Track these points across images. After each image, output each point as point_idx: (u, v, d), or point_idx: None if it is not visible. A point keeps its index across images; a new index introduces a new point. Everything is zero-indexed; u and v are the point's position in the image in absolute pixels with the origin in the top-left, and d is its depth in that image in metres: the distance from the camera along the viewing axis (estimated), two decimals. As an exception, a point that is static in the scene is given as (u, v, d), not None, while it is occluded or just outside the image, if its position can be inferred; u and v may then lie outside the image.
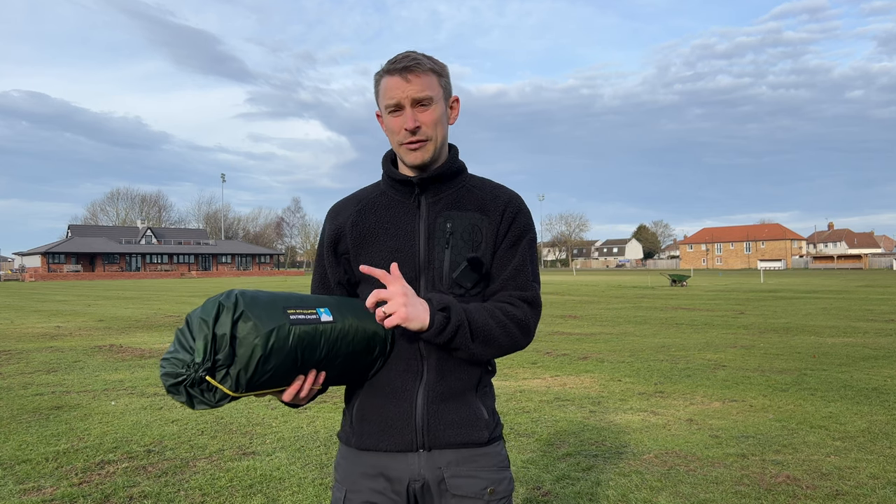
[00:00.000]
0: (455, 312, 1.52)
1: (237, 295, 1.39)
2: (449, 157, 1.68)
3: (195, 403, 1.38)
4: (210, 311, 1.37)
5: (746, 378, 7.72)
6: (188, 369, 1.34)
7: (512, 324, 1.60)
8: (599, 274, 77.76)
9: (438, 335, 1.50)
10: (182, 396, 1.37)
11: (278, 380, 1.42)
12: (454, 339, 1.52)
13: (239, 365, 1.35)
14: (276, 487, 4.18)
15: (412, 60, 1.57)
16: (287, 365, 1.41)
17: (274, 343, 1.37)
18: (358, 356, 1.54)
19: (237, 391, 1.37)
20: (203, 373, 1.34)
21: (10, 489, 4.18)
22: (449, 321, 1.51)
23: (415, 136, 1.58)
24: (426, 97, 1.57)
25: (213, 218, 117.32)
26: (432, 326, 1.49)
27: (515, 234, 1.66)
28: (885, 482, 4.14)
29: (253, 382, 1.37)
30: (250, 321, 1.36)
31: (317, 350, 1.45)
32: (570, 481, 4.23)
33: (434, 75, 1.60)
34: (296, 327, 1.41)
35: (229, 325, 1.35)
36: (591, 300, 23.96)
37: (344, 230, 1.69)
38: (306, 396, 1.50)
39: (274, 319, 1.39)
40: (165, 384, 1.37)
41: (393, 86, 1.57)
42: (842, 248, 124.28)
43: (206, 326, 1.35)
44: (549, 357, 9.64)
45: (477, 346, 1.56)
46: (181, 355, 1.36)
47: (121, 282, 61.51)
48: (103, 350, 11.04)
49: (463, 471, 1.60)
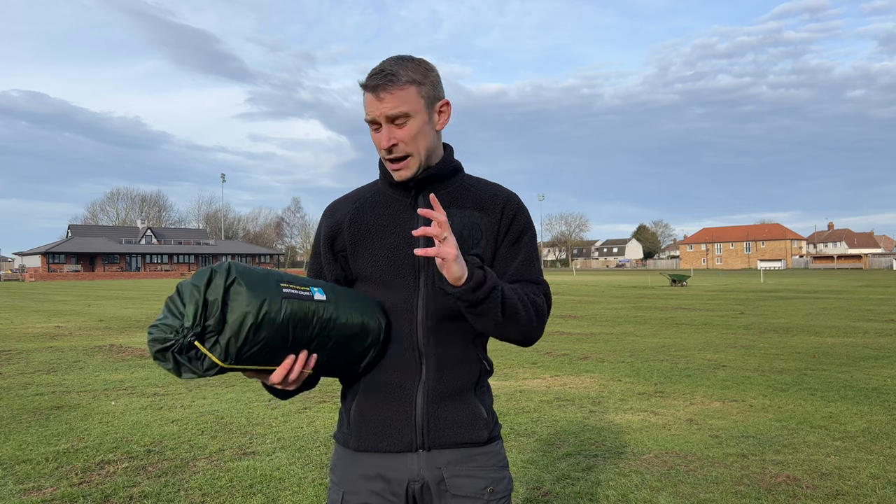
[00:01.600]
0: (491, 274, 1.48)
1: (230, 264, 1.37)
2: (444, 157, 1.65)
3: (182, 371, 1.34)
4: (202, 276, 1.34)
5: (746, 378, 7.72)
6: (176, 335, 1.31)
7: (533, 309, 1.58)
8: (599, 274, 77.75)
9: (474, 291, 1.43)
10: (169, 363, 1.33)
11: (268, 355, 1.39)
12: (486, 300, 1.46)
13: (229, 332, 1.32)
14: (276, 487, 4.18)
15: (384, 77, 1.52)
16: (278, 339, 1.38)
17: (266, 313, 1.34)
18: (350, 341, 1.51)
19: (226, 361, 1.33)
20: (192, 338, 1.30)
21: (10, 489, 4.18)
22: (486, 280, 1.45)
23: (392, 154, 1.56)
24: (401, 113, 1.53)
25: (213, 218, 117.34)
26: (471, 279, 1.43)
27: (516, 231, 1.65)
28: (885, 482, 4.14)
29: (242, 353, 1.34)
30: (243, 288, 1.34)
31: (309, 328, 1.42)
32: (570, 481, 4.23)
33: (412, 86, 1.54)
34: (288, 301, 1.39)
35: (221, 290, 1.32)
36: (591, 300, 23.96)
37: (341, 227, 1.68)
38: (296, 380, 1.46)
39: (267, 290, 1.36)
40: (152, 350, 1.33)
41: (368, 102, 1.55)
42: (842, 248, 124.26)
43: (196, 292, 1.32)
44: (549, 357, 9.64)
45: (503, 318, 1.50)
46: (170, 321, 1.33)
47: (121, 282, 61.51)
48: (103, 350, 11.04)
49: (462, 470, 1.59)
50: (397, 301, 1.60)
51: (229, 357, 1.33)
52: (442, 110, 1.63)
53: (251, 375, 1.44)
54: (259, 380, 1.49)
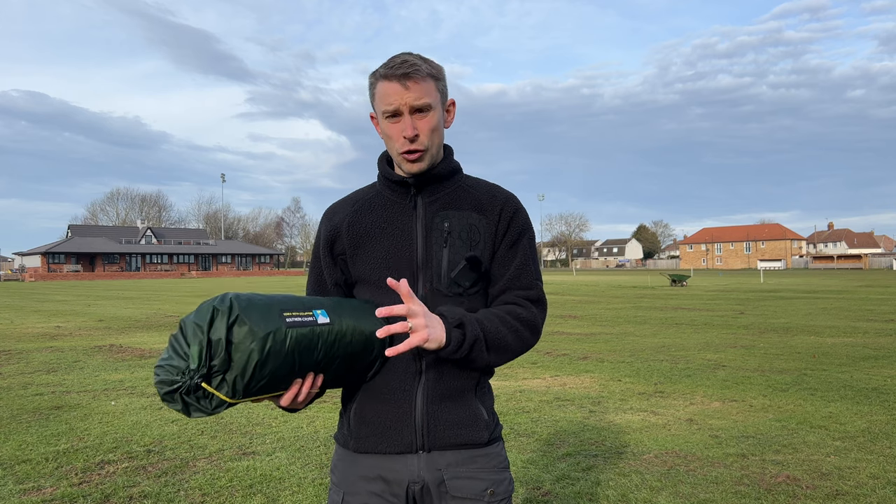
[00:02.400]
0: (470, 327, 1.50)
1: (232, 299, 1.36)
2: (444, 158, 1.66)
3: (191, 411, 1.34)
4: (204, 315, 1.34)
5: (746, 378, 7.72)
6: (183, 376, 1.31)
7: (522, 327, 1.60)
8: (599, 274, 77.74)
9: (456, 352, 1.49)
10: (178, 405, 1.34)
11: (275, 384, 1.40)
12: (471, 353, 1.51)
13: (235, 371, 1.32)
14: (276, 487, 4.18)
15: (411, 66, 1.53)
16: (284, 369, 1.38)
17: (270, 347, 1.34)
18: (356, 357, 1.52)
19: (234, 397, 1.34)
20: (199, 380, 1.31)
21: (10, 489, 4.18)
22: (465, 337, 1.49)
23: (413, 145, 1.56)
24: (425, 104, 1.55)
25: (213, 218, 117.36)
26: (449, 345, 1.47)
27: (515, 233, 1.65)
28: (885, 482, 4.14)
29: (250, 388, 1.35)
30: (246, 325, 1.33)
31: (314, 352, 1.42)
32: (570, 481, 4.23)
33: (432, 80, 1.57)
34: (292, 330, 1.39)
35: (224, 329, 1.32)
36: (591, 300, 23.96)
37: (340, 231, 1.68)
38: (304, 400, 1.48)
39: (270, 323, 1.36)
40: (160, 392, 1.34)
41: (391, 92, 1.54)
42: (842, 248, 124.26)
43: (200, 332, 1.32)
44: (549, 357, 9.64)
45: (492, 356, 1.56)
46: (175, 362, 1.33)
47: (121, 282, 61.50)
48: (103, 350, 11.04)
49: (463, 472, 1.59)
50: (396, 303, 1.60)
51: (237, 393, 1.34)
52: (449, 109, 1.67)
53: (259, 401, 1.46)
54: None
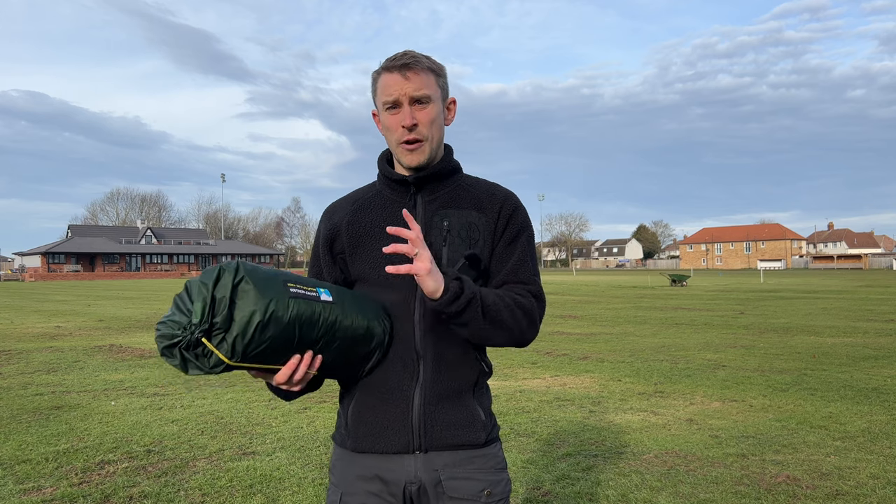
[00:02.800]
0: (468, 284, 1.49)
1: (239, 262, 1.39)
2: (444, 157, 1.68)
3: (189, 367, 1.36)
4: (210, 274, 1.37)
5: (746, 378, 7.73)
6: (184, 331, 1.33)
7: (520, 311, 1.58)
8: (599, 274, 77.75)
9: (451, 304, 1.46)
10: (176, 359, 1.35)
11: (274, 354, 1.40)
12: (465, 310, 1.48)
13: (236, 330, 1.34)
14: (276, 487, 4.18)
15: (411, 58, 1.57)
16: (284, 338, 1.39)
17: (273, 312, 1.36)
18: (355, 343, 1.52)
19: (232, 358, 1.35)
20: (199, 334, 1.32)
21: (10, 489, 4.18)
22: (462, 291, 1.47)
23: (411, 134, 1.58)
24: (424, 95, 1.57)
25: (213, 218, 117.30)
26: (447, 293, 1.45)
27: (513, 230, 1.66)
28: (885, 482, 4.14)
29: (249, 351, 1.36)
30: (251, 286, 1.36)
31: (315, 328, 1.43)
32: (570, 481, 4.23)
33: (432, 74, 1.60)
34: (295, 300, 1.40)
35: (229, 288, 1.34)
36: (591, 300, 23.96)
37: (340, 229, 1.68)
38: (300, 381, 1.46)
39: (274, 289, 1.38)
40: (160, 346, 1.35)
41: (391, 83, 1.57)
42: (842, 248, 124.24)
43: (205, 289, 1.34)
44: (549, 357, 9.64)
45: (486, 326, 1.52)
46: (178, 317, 1.35)
47: (121, 282, 61.51)
48: (103, 350, 11.04)
49: (460, 472, 1.58)
50: (395, 302, 1.61)
51: (236, 355, 1.35)
52: (450, 107, 1.69)
53: (256, 374, 1.45)
54: (264, 379, 1.50)
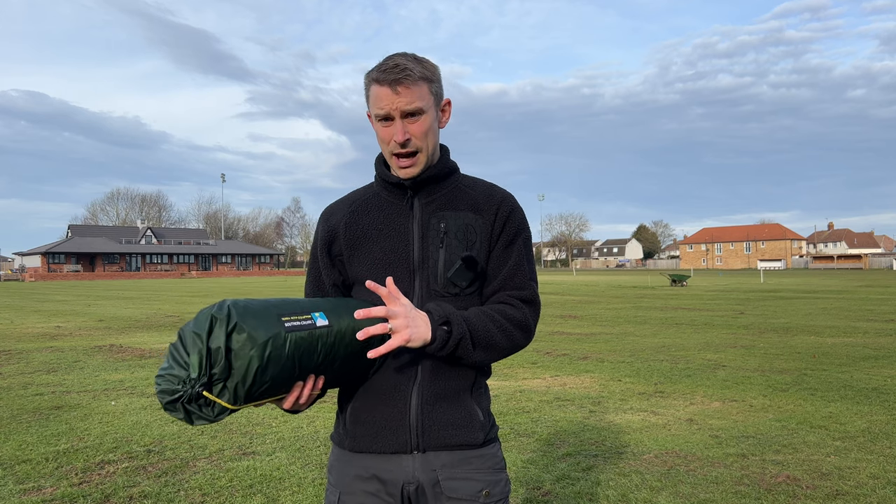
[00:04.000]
0: (456, 325, 1.51)
1: (229, 306, 1.36)
2: (441, 158, 1.67)
3: (194, 419, 1.35)
4: (203, 324, 1.34)
5: (746, 378, 7.73)
6: (184, 385, 1.31)
7: (512, 326, 1.59)
8: (599, 274, 77.73)
9: (441, 349, 1.50)
10: (180, 413, 1.34)
11: (277, 388, 1.40)
12: (456, 350, 1.52)
13: (236, 378, 1.33)
14: (276, 487, 4.18)
15: (402, 71, 1.53)
16: (285, 373, 1.39)
17: (270, 353, 1.34)
18: (356, 357, 1.52)
19: (236, 404, 1.35)
20: (200, 388, 1.31)
21: (10, 489, 4.18)
22: (450, 335, 1.50)
23: (405, 149, 1.57)
24: (416, 109, 1.55)
25: (213, 218, 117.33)
26: (434, 342, 1.49)
27: (510, 233, 1.65)
28: (885, 482, 4.14)
29: (252, 393, 1.35)
30: (245, 332, 1.33)
31: (314, 355, 1.43)
32: (570, 481, 4.23)
33: (425, 83, 1.56)
34: (292, 334, 1.39)
35: (223, 338, 1.32)
36: (591, 300, 23.96)
37: (337, 231, 1.68)
38: (306, 402, 1.48)
39: (269, 329, 1.36)
40: (162, 402, 1.34)
41: (382, 96, 1.55)
42: (842, 248, 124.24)
43: (199, 341, 1.33)
44: (549, 357, 9.64)
45: (479, 354, 1.56)
46: (176, 371, 1.33)
47: (121, 282, 61.50)
48: (103, 350, 11.04)
49: (458, 473, 1.58)
50: None
51: (239, 400, 1.35)
52: (444, 109, 1.67)
53: (262, 405, 1.46)
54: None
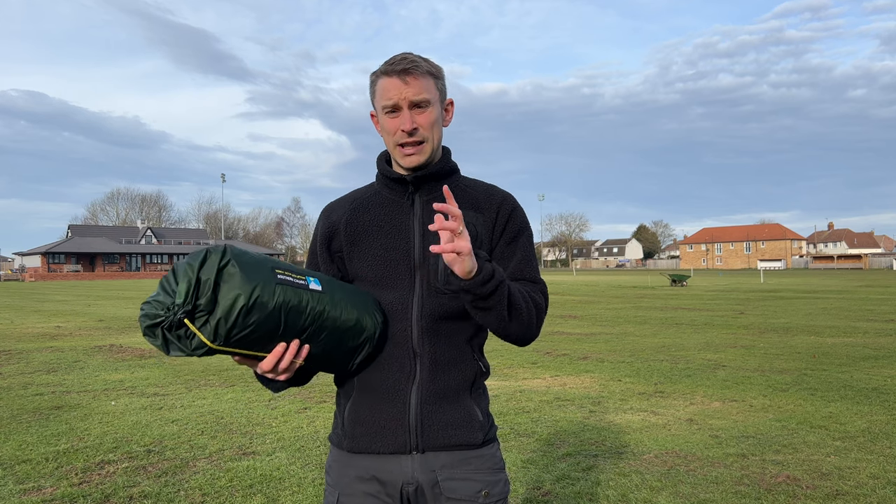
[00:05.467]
0: (499, 270, 1.47)
1: (227, 246, 1.38)
2: (442, 158, 1.69)
3: (171, 349, 1.34)
4: (197, 256, 1.35)
5: (746, 378, 7.73)
6: (167, 311, 1.31)
7: (534, 307, 1.59)
8: (599, 274, 77.75)
9: (483, 284, 1.42)
10: (158, 340, 1.34)
11: (258, 340, 1.38)
12: (494, 294, 1.45)
13: (219, 313, 1.32)
14: (276, 487, 4.18)
15: (410, 63, 1.57)
16: (269, 325, 1.37)
17: (258, 297, 1.34)
18: (344, 336, 1.50)
19: (214, 341, 1.33)
20: (182, 315, 1.30)
21: (10, 489, 4.18)
22: (494, 273, 1.45)
23: (412, 138, 1.58)
24: (423, 100, 1.58)
25: (213, 218, 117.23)
26: (480, 272, 1.42)
27: (513, 230, 1.66)
28: (885, 482, 4.14)
29: (232, 335, 1.34)
30: (236, 269, 1.34)
31: (301, 317, 1.42)
32: (570, 481, 4.23)
33: (431, 78, 1.61)
34: (282, 287, 1.39)
35: (215, 271, 1.33)
36: (591, 300, 23.96)
37: (338, 228, 1.69)
38: (286, 370, 1.45)
39: (260, 274, 1.37)
40: (142, 325, 1.34)
41: (390, 87, 1.58)
42: (842, 248, 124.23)
43: (190, 270, 1.33)
44: (549, 357, 9.64)
45: (507, 314, 1.49)
46: (162, 297, 1.33)
47: (121, 282, 61.52)
48: (103, 350, 11.04)
49: (457, 473, 1.58)
50: (392, 301, 1.61)
51: (218, 338, 1.33)
52: (448, 108, 1.70)
53: (241, 361, 1.44)
54: (250, 367, 1.48)
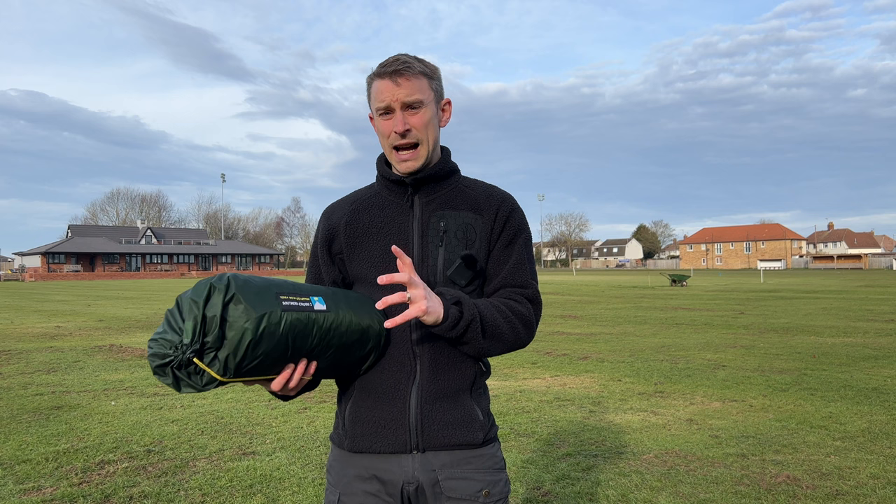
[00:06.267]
0: (467, 307, 1.51)
1: (229, 277, 1.37)
2: (442, 158, 1.68)
3: (182, 386, 1.35)
4: (201, 292, 1.34)
5: (746, 378, 7.73)
6: (176, 350, 1.31)
7: (518, 321, 1.60)
8: (599, 274, 77.73)
9: (451, 329, 1.49)
10: (168, 378, 1.34)
11: (268, 367, 1.39)
12: (466, 333, 1.51)
13: (228, 349, 1.32)
14: (276, 487, 4.18)
15: (402, 64, 1.57)
16: (277, 352, 1.38)
17: (265, 328, 1.34)
18: (351, 348, 1.52)
19: (225, 375, 1.34)
20: (191, 354, 1.31)
21: (10, 489, 4.18)
22: (462, 315, 1.50)
23: (405, 140, 1.59)
24: (416, 101, 1.58)
25: (213, 218, 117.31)
26: (446, 320, 1.47)
27: (510, 232, 1.66)
28: (885, 482, 4.14)
29: (241, 367, 1.34)
30: (241, 304, 1.34)
31: (308, 338, 1.42)
32: (570, 481, 4.23)
33: (425, 78, 1.60)
34: (288, 314, 1.39)
35: (220, 307, 1.32)
36: (591, 300, 23.96)
37: (338, 230, 1.69)
38: (296, 387, 1.47)
39: (266, 304, 1.36)
40: (152, 365, 1.35)
41: (383, 89, 1.58)
42: (842, 248, 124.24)
43: (195, 307, 1.33)
44: (549, 357, 9.64)
45: (486, 342, 1.56)
46: (169, 336, 1.33)
47: (121, 282, 61.51)
48: (103, 350, 11.04)
49: (458, 473, 1.59)
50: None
51: (228, 372, 1.34)
52: (445, 108, 1.69)
53: (251, 383, 1.45)
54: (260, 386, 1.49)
